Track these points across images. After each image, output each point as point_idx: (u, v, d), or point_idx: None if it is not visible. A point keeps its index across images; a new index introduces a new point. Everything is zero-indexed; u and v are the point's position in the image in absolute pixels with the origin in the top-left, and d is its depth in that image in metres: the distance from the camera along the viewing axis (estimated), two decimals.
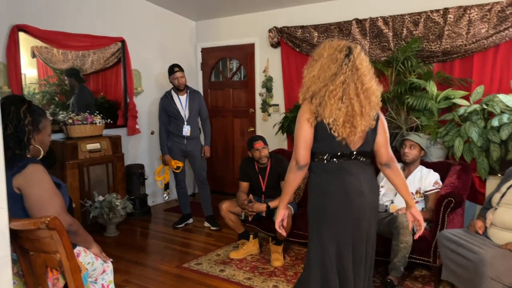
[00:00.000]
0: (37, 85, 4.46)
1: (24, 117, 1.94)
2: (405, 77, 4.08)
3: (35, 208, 1.84)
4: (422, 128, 3.89)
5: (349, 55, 2.01)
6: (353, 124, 2.00)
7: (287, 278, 3.30)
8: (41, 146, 2.04)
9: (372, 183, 2.17)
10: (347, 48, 2.03)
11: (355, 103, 1.99)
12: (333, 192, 2.07)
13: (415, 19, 4.18)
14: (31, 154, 1.99)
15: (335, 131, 2.01)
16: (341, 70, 1.99)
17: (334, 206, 2.08)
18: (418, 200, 3.30)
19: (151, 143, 5.46)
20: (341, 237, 2.09)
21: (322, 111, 1.99)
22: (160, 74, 5.43)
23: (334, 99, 1.98)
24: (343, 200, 2.07)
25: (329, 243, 2.10)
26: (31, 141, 1.97)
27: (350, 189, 2.06)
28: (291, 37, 5.01)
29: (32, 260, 1.72)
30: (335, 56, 2.01)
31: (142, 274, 3.46)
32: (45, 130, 2.07)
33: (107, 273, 2.26)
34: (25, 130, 1.94)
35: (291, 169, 2.09)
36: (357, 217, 2.09)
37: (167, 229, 4.64)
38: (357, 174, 2.10)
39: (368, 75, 2.04)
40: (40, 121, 2.03)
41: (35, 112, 2.02)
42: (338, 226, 2.08)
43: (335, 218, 2.09)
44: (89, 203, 4.26)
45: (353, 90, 1.99)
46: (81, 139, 4.36)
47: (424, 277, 3.27)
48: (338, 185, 2.07)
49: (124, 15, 5.06)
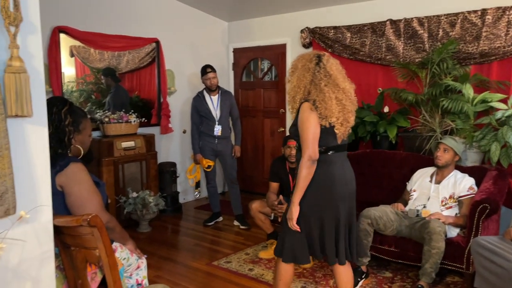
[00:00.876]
0: (75, 84, 4.62)
1: (65, 118, 2.02)
2: (440, 79, 4.00)
3: (76, 205, 1.93)
4: (457, 131, 3.80)
5: (319, 63, 2.30)
6: (348, 120, 2.35)
7: (316, 280, 3.31)
8: (82, 146, 2.12)
9: (351, 173, 2.48)
10: (316, 57, 2.32)
11: (345, 102, 2.31)
12: (322, 180, 2.33)
13: (451, 20, 4.09)
14: (72, 153, 2.07)
15: (336, 129, 2.30)
16: (316, 77, 2.28)
17: (323, 194, 2.34)
18: (451, 205, 3.24)
19: (183, 142, 5.56)
20: (326, 219, 2.36)
21: (330, 114, 2.26)
22: (192, 74, 5.52)
23: (333, 102, 2.26)
24: (330, 188, 2.34)
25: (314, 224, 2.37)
26: (71, 141, 2.05)
27: (337, 179, 2.35)
28: (323, 37, 4.99)
29: (73, 255, 1.81)
30: (307, 66, 2.31)
31: (173, 270, 3.54)
32: (85, 131, 2.15)
33: (141, 269, 2.33)
34: (65, 130, 2.02)
35: (304, 165, 2.27)
36: (340, 203, 2.36)
37: (197, 226, 4.72)
38: (342, 164, 2.40)
39: (340, 77, 2.32)
40: (80, 122, 2.12)
41: (75, 113, 2.10)
42: (324, 210, 2.35)
43: (323, 203, 2.34)
44: (123, 199, 4.39)
45: (337, 92, 2.29)
46: (116, 137, 4.49)
47: (456, 284, 3.21)
48: (327, 175, 2.33)
49: (159, 16, 5.17)
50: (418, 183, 3.47)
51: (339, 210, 2.37)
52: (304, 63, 2.33)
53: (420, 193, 3.39)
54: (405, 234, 3.28)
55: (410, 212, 3.26)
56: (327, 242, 2.39)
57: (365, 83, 4.79)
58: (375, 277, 3.33)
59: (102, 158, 4.33)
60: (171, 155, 5.43)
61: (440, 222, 3.02)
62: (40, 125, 1.53)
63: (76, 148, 2.09)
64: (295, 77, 2.35)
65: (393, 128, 4.18)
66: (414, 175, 3.58)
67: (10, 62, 1.40)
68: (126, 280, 2.25)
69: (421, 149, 3.97)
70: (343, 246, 2.41)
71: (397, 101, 4.46)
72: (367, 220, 3.21)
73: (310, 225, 2.37)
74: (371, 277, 3.32)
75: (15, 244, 1.44)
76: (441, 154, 3.34)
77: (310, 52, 2.42)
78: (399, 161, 3.99)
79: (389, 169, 4.03)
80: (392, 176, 3.98)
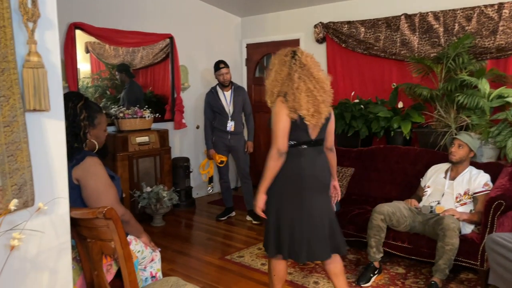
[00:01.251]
0: (90, 79, 4.68)
1: (80, 113, 2.05)
2: (456, 74, 3.96)
3: (92, 198, 1.96)
4: (473, 127, 3.76)
5: (294, 56, 2.40)
6: (319, 111, 2.37)
7: (328, 275, 3.30)
8: (97, 141, 2.15)
9: (324, 166, 2.53)
10: (291, 52, 2.42)
11: (316, 93, 2.36)
12: (291, 174, 2.40)
13: (467, 14, 4.03)
14: (87, 147, 2.11)
15: (307, 121, 2.35)
16: (292, 69, 2.36)
17: (292, 186, 2.42)
18: (466, 202, 3.21)
19: (196, 137, 5.60)
20: (293, 211, 2.43)
21: (298, 106, 2.32)
22: (205, 70, 5.54)
23: (302, 94, 2.33)
24: (294, 182, 2.41)
25: (282, 214, 2.44)
26: (87, 136, 2.09)
27: (306, 173, 2.41)
28: (337, 32, 4.97)
29: (89, 246, 1.84)
30: (283, 60, 2.41)
31: (186, 264, 3.58)
32: (100, 126, 2.18)
33: (155, 262, 2.37)
34: (81, 125, 2.05)
35: (272, 156, 2.36)
36: (302, 197, 2.41)
37: (210, 221, 4.76)
38: (313, 158, 2.45)
39: (314, 68, 2.40)
40: (95, 117, 2.14)
41: (91, 108, 2.13)
42: (293, 202, 2.42)
43: (292, 195, 2.42)
44: (137, 193, 4.44)
45: (309, 82, 2.36)
46: (131, 132, 4.55)
47: (470, 281, 3.19)
48: (296, 169, 2.41)
49: (173, 12, 5.20)
50: (432, 179, 3.45)
51: (311, 203, 2.42)
52: (281, 58, 2.43)
53: (434, 189, 3.37)
54: (419, 230, 3.26)
55: (424, 209, 3.24)
56: (297, 236, 2.43)
57: (379, 78, 4.76)
58: (387, 273, 3.33)
59: (117, 153, 4.39)
60: (184, 150, 5.48)
61: (454, 218, 3.00)
62: (57, 119, 1.56)
63: (91, 142, 2.12)
64: (273, 72, 2.43)
65: (407, 124, 4.15)
66: (429, 171, 3.55)
67: (28, 57, 1.43)
68: (140, 273, 2.29)
69: (435, 145, 3.93)
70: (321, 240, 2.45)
71: (412, 97, 4.42)
72: (380, 216, 3.20)
73: (280, 218, 2.45)
74: (384, 273, 3.31)
75: (33, 235, 1.48)
76: (455, 150, 3.30)
77: (285, 48, 2.49)
78: (413, 157, 3.96)
79: (403, 165, 4.00)
80: (406, 172, 3.96)
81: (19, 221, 1.43)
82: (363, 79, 4.90)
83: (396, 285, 3.14)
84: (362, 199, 4.04)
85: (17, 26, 1.41)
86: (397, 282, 3.19)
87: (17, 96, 1.41)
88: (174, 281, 2.10)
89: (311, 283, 3.19)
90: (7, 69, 1.38)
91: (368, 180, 4.17)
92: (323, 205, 2.48)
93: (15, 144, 1.41)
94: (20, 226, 1.41)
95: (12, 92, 1.40)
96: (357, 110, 4.57)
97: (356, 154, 4.31)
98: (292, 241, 2.44)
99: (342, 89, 5.05)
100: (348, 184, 4.21)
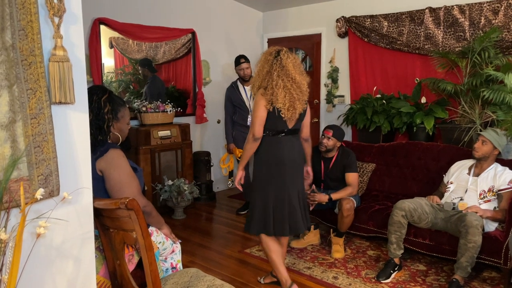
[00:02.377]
0: (114, 74, 4.77)
1: (104, 106, 2.09)
2: (481, 69, 3.87)
3: (115, 189, 2.01)
4: (498, 123, 3.67)
5: (277, 56, 2.66)
6: (294, 107, 2.67)
7: (347, 271, 3.30)
8: (120, 134, 2.20)
9: (300, 152, 2.87)
10: (275, 52, 2.69)
11: (293, 92, 2.64)
12: (274, 158, 2.74)
13: (494, 7, 3.93)
14: (111, 140, 2.16)
15: (283, 113, 2.66)
16: (272, 67, 2.65)
17: (275, 169, 2.75)
18: (490, 199, 3.14)
19: (217, 132, 5.64)
20: (276, 191, 2.76)
21: (275, 100, 2.63)
22: (227, 64, 5.56)
23: (279, 90, 2.62)
24: (275, 166, 2.75)
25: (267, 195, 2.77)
26: (110, 128, 2.13)
27: (280, 158, 2.74)
28: (359, 26, 4.91)
29: (112, 236, 1.89)
30: (267, 58, 2.69)
31: (206, 257, 3.63)
32: (124, 119, 2.22)
33: (176, 253, 2.41)
34: (104, 118, 2.09)
35: (248, 140, 2.74)
36: (283, 179, 2.75)
37: (230, 215, 4.80)
38: (292, 145, 2.78)
39: (293, 70, 2.65)
40: (119, 110, 2.19)
41: (115, 101, 2.18)
42: (272, 184, 2.76)
43: (270, 178, 2.76)
44: (159, 186, 4.51)
45: (287, 81, 2.64)
46: (153, 126, 4.61)
47: (493, 279, 3.13)
48: (270, 154, 2.75)
49: (195, 7, 5.23)
50: (455, 175, 3.39)
51: (292, 183, 2.77)
52: (266, 57, 2.71)
53: (457, 185, 3.31)
54: (441, 227, 3.21)
55: (446, 205, 3.19)
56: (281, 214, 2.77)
57: (402, 73, 4.70)
58: (408, 270, 3.29)
59: (139, 147, 4.46)
60: (205, 144, 5.52)
61: (477, 215, 2.95)
62: (81, 112, 1.60)
63: (115, 135, 2.17)
64: (258, 67, 2.74)
65: (430, 119, 4.09)
66: (452, 167, 3.49)
67: (54, 51, 1.47)
68: (161, 263, 2.34)
69: (459, 141, 3.86)
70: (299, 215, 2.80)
71: (435, 92, 4.35)
72: (401, 212, 3.17)
73: (266, 199, 2.77)
74: (404, 270, 3.28)
75: (58, 224, 1.53)
76: (478, 146, 3.23)
77: (272, 47, 2.76)
78: (436, 153, 3.89)
79: (425, 161, 3.94)
80: (428, 168, 3.90)
81: (45, 210, 1.48)
82: (385, 73, 4.84)
83: (417, 282, 3.11)
84: (383, 195, 4.01)
85: (43, 21, 1.46)
86: (417, 279, 3.15)
87: (43, 89, 1.46)
88: (194, 273, 2.13)
89: (330, 278, 3.19)
90: (34, 62, 1.43)
91: (389, 176, 4.13)
92: (299, 186, 2.84)
93: (42, 136, 1.46)
94: (46, 215, 1.46)
95: (38, 85, 1.45)
96: (379, 105, 4.52)
97: (378, 150, 4.27)
98: (278, 218, 2.77)
99: (364, 84, 5.00)
100: (369, 179, 4.18)
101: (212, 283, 2.03)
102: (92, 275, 1.73)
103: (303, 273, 3.28)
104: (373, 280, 3.14)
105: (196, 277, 2.08)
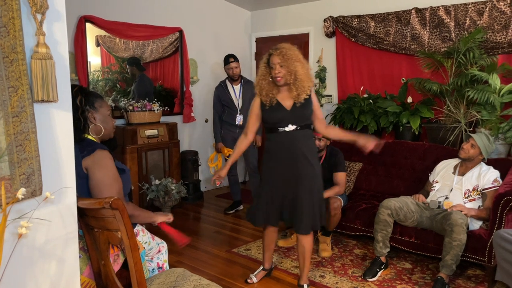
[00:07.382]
0: (101, 73, 4.72)
1: (75, 96, 1.96)
2: (466, 69, 3.92)
3: (96, 189, 1.96)
4: (483, 123, 3.72)
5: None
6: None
7: (334, 269, 3.32)
8: (104, 126, 2.09)
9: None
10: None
11: None
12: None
13: (479, 8, 3.98)
14: (92, 132, 2.06)
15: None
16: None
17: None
18: (475, 198, 3.18)
19: (205, 131, 5.62)
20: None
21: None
22: (215, 63, 5.55)
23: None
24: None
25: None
26: (89, 119, 2.04)
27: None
28: (347, 26, 4.94)
29: (96, 236, 1.87)
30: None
31: (194, 256, 3.61)
32: (103, 109, 2.11)
33: (162, 253, 2.40)
34: (77, 105, 1.97)
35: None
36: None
37: (218, 214, 4.78)
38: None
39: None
40: (95, 101, 2.08)
41: (88, 93, 2.08)
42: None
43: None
44: (146, 186, 4.48)
45: None
46: (140, 125, 4.58)
47: (478, 277, 3.17)
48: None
49: (182, 5, 5.20)
50: (441, 174, 3.42)
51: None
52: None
53: (443, 184, 3.34)
54: (426, 225, 3.25)
55: (431, 204, 3.23)
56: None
57: (388, 73, 4.73)
58: (394, 268, 3.32)
59: (126, 146, 4.42)
60: (193, 143, 5.50)
61: (462, 214, 2.98)
62: (65, 110, 1.58)
63: (97, 126, 2.07)
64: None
65: (416, 119, 4.13)
66: (437, 166, 3.52)
67: (37, 49, 1.45)
68: (147, 263, 2.32)
69: (444, 141, 3.90)
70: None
71: (421, 92, 4.39)
72: (387, 210, 3.19)
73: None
74: (390, 268, 3.30)
75: (41, 224, 1.51)
76: (467, 147, 3.26)
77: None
78: (422, 152, 3.93)
79: (411, 160, 3.98)
80: (414, 167, 3.94)
81: (27, 210, 1.45)
82: (372, 73, 4.87)
83: (403, 280, 3.14)
84: (370, 194, 4.03)
85: (25, 17, 1.43)
86: (403, 277, 3.18)
87: (25, 87, 1.43)
88: (180, 272, 2.12)
89: (317, 276, 3.20)
90: (15, 60, 1.40)
91: (376, 175, 4.16)
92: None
93: (24, 134, 1.43)
94: (28, 214, 1.44)
95: (20, 83, 1.42)
96: (366, 105, 4.55)
97: None
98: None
99: (351, 84, 5.03)
100: (356, 178, 4.20)
101: (198, 282, 2.02)
102: (76, 275, 1.71)
103: (290, 272, 3.28)
104: (360, 279, 3.16)
105: (182, 277, 2.07)
